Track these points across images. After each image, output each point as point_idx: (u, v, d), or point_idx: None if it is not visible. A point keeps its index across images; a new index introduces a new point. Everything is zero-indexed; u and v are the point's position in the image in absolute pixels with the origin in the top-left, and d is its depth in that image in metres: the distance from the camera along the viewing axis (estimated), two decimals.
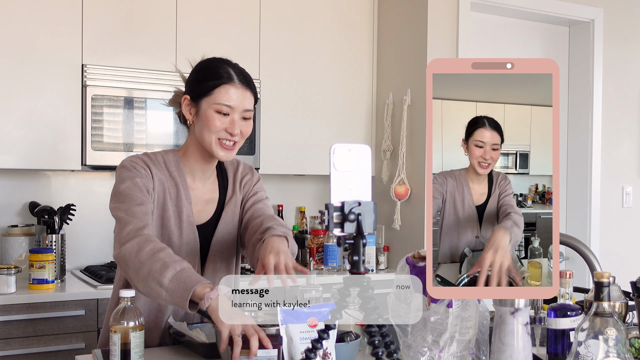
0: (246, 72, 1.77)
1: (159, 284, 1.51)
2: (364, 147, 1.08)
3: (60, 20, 2.97)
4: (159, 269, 1.52)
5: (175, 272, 1.52)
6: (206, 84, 1.71)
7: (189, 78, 1.79)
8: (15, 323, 2.60)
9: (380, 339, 1.08)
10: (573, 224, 3.98)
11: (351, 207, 1.05)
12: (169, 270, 1.52)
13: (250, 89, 1.75)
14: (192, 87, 1.75)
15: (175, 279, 1.51)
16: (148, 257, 1.55)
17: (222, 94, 1.70)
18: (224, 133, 1.71)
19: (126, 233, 1.61)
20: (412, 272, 1.51)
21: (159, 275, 1.51)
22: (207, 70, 1.74)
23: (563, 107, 3.96)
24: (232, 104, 1.70)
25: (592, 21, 3.90)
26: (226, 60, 1.78)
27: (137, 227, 1.62)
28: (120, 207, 1.67)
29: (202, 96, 1.71)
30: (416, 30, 3.46)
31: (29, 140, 2.92)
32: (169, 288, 1.50)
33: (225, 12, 3.33)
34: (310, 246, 3.48)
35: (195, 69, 1.79)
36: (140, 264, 1.55)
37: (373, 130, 3.74)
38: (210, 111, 1.70)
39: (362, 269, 1.08)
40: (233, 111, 1.71)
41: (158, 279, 1.51)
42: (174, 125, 3.12)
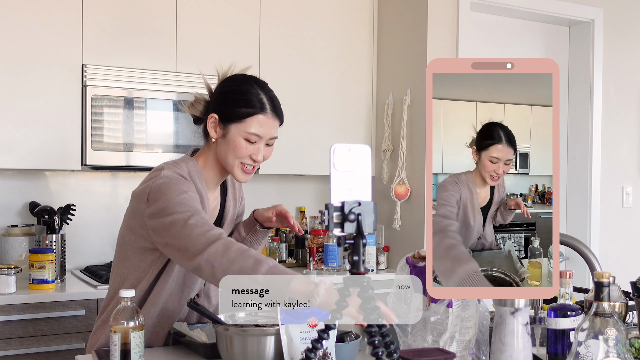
0: (276, 97, 1.79)
1: (252, 281, 1.48)
2: (364, 147, 1.09)
3: (60, 20, 2.97)
4: (252, 265, 1.49)
5: (269, 267, 1.49)
6: (238, 110, 1.72)
7: (219, 96, 1.77)
8: (15, 323, 2.60)
9: (380, 339, 1.08)
10: (573, 224, 3.98)
11: (351, 207, 1.05)
12: (262, 266, 1.49)
13: (279, 118, 1.77)
14: (222, 109, 1.75)
15: (269, 273, 1.48)
16: (238, 255, 1.51)
17: (253, 124, 1.72)
18: (248, 159, 1.74)
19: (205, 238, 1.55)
20: (412, 272, 1.51)
21: (252, 272, 1.48)
22: (239, 95, 1.73)
23: (563, 107, 3.96)
24: (262, 134, 1.73)
25: (592, 21, 3.90)
26: (257, 80, 1.78)
27: (216, 233, 1.57)
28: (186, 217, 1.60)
29: (232, 121, 1.72)
30: (416, 30, 3.46)
31: (29, 140, 2.91)
32: (263, 283, 1.47)
33: (225, 12, 3.33)
34: (310, 246, 3.48)
35: (225, 87, 1.77)
36: (229, 262, 1.51)
37: (373, 130, 3.74)
38: (239, 138, 1.72)
39: (362, 269, 1.08)
40: (261, 140, 1.74)
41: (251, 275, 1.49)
42: (174, 125, 3.12)
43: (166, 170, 1.71)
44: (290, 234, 3.64)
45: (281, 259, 3.51)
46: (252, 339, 1.47)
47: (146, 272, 1.75)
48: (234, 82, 1.78)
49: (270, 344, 1.46)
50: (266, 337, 1.47)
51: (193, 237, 1.56)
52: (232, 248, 1.53)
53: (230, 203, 1.91)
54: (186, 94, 3.11)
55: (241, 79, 1.78)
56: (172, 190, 1.65)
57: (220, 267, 1.50)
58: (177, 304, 1.77)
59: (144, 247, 1.73)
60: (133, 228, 1.75)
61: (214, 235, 1.56)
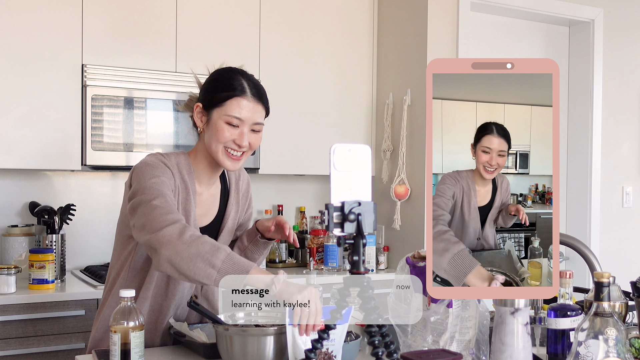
0: (260, 85, 1.79)
1: (209, 265, 1.49)
2: (364, 147, 1.09)
3: (60, 20, 2.97)
4: (209, 250, 1.50)
5: (227, 254, 1.51)
6: (219, 94, 1.73)
7: (204, 86, 1.81)
8: (15, 323, 2.60)
9: (380, 339, 1.08)
10: (573, 224, 3.98)
11: (351, 207, 1.05)
12: (220, 252, 1.50)
13: (262, 103, 1.76)
14: (205, 96, 1.77)
15: (228, 259, 1.49)
16: (193, 240, 1.52)
17: (233, 106, 1.72)
18: (231, 144, 1.73)
19: (163, 219, 1.57)
20: (412, 272, 1.51)
21: (210, 256, 1.49)
22: (221, 81, 1.75)
23: (563, 107, 3.96)
24: (243, 117, 1.72)
25: (592, 21, 3.90)
26: (241, 71, 1.79)
27: (176, 218, 1.59)
28: (151, 198, 1.63)
29: (214, 106, 1.73)
30: (416, 30, 3.46)
31: (29, 140, 2.92)
32: (222, 269, 1.49)
33: (225, 12, 3.33)
34: (310, 246, 3.48)
35: (210, 77, 1.80)
36: (185, 245, 1.51)
37: (373, 130, 3.74)
38: (220, 122, 1.72)
39: (362, 269, 1.08)
40: (243, 124, 1.73)
41: (209, 260, 1.49)
42: (174, 125, 3.12)
43: (147, 157, 1.75)
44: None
45: (281, 259, 3.51)
46: (252, 339, 1.47)
47: (126, 259, 1.77)
48: (218, 71, 1.80)
49: (270, 344, 1.46)
50: (266, 337, 1.47)
51: (152, 216, 1.58)
52: (187, 232, 1.54)
53: (232, 207, 1.90)
54: (186, 94, 3.10)
55: (226, 69, 1.80)
56: (144, 174, 1.68)
57: (176, 249, 1.52)
58: (165, 298, 1.77)
59: (126, 235, 1.76)
60: (122, 217, 1.79)
61: (173, 219, 1.58)
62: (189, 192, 1.76)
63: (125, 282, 1.76)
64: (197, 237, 1.54)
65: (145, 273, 1.76)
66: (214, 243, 1.54)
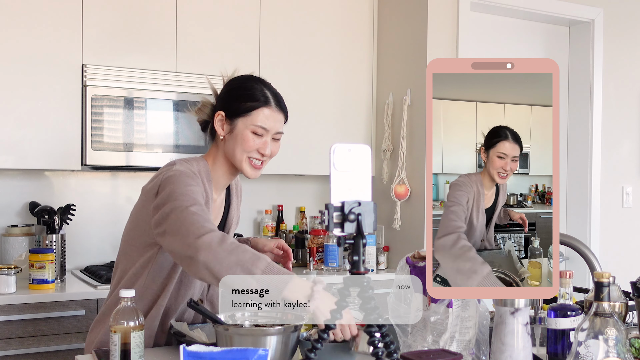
0: (279, 94, 1.84)
1: (250, 274, 1.49)
2: (364, 147, 1.09)
3: (60, 20, 2.97)
4: (250, 259, 1.50)
5: (267, 264, 1.51)
6: (244, 104, 1.76)
7: (225, 94, 1.82)
8: (15, 323, 2.60)
9: (380, 338, 1.08)
10: (573, 224, 3.98)
11: (351, 207, 1.05)
12: (261, 261, 1.50)
13: (283, 112, 1.83)
14: (228, 105, 1.79)
15: (268, 270, 1.50)
16: (234, 248, 1.52)
17: (260, 116, 1.77)
18: (255, 153, 1.78)
19: (202, 225, 1.57)
20: (412, 272, 1.51)
21: (250, 265, 1.49)
22: (244, 90, 1.79)
23: (563, 107, 3.96)
24: (268, 127, 1.78)
25: (592, 21, 3.90)
26: (261, 80, 1.84)
27: (214, 227, 1.59)
28: (188, 204, 1.62)
29: (239, 116, 1.76)
30: (416, 30, 3.46)
31: (29, 140, 2.91)
32: (261, 278, 1.48)
33: (225, 12, 3.33)
34: (310, 246, 3.48)
35: (231, 86, 1.82)
36: (226, 252, 1.51)
37: (373, 130, 3.74)
38: (247, 132, 1.76)
39: (362, 269, 1.08)
40: (267, 133, 1.78)
41: (249, 269, 1.49)
42: (174, 125, 3.12)
43: (178, 165, 1.75)
44: (290, 235, 3.64)
45: None
46: (252, 339, 1.47)
47: (144, 268, 1.75)
48: (238, 80, 1.84)
49: (271, 344, 1.46)
50: (266, 337, 1.47)
51: (190, 222, 1.57)
52: (228, 240, 1.54)
53: (234, 212, 1.93)
54: (186, 94, 3.11)
55: (245, 77, 1.84)
56: (179, 182, 1.68)
57: (216, 256, 1.51)
58: (175, 302, 1.78)
59: (145, 242, 1.74)
60: (138, 223, 1.77)
61: (211, 227, 1.57)
62: (208, 200, 1.77)
63: (142, 289, 1.75)
64: (237, 246, 1.54)
65: (167, 281, 1.75)
66: (255, 252, 1.53)
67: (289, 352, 1.48)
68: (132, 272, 1.77)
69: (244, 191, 2.07)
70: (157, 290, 1.75)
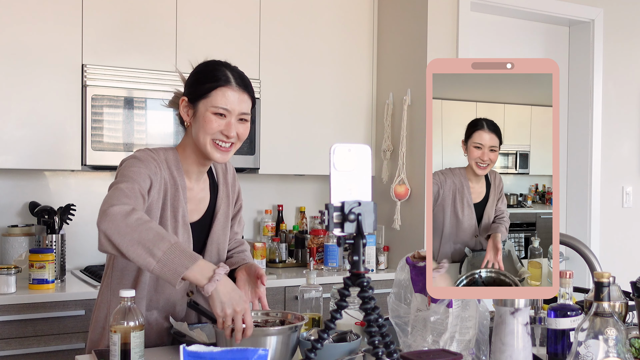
0: (244, 75, 1.79)
1: (150, 253, 1.47)
2: (364, 147, 1.09)
3: (60, 20, 2.97)
4: (153, 238, 1.49)
5: (171, 245, 1.49)
6: (204, 86, 1.72)
7: (188, 80, 1.80)
8: (15, 323, 2.60)
9: (380, 338, 1.08)
10: (573, 224, 3.98)
11: (351, 207, 1.05)
12: (164, 242, 1.48)
13: (247, 92, 1.76)
14: (190, 89, 1.77)
15: (170, 251, 1.48)
16: (138, 224, 1.51)
17: (219, 97, 1.71)
18: (219, 135, 1.73)
19: (116, 199, 1.56)
20: (412, 272, 1.51)
21: (151, 245, 1.48)
22: (205, 73, 1.75)
23: (563, 107, 3.96)
24: (229, 107, 1.72)
25: (592, 21, 3.90)
26: (225, 63, 1.79)
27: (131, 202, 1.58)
28: (119, 181, 1.63)
29: (200, 98, 1.73)
30: (416, 30, 3.46)
31: (29, 140, 2.92)
32: (162, 259, 1.47)
33: (225, 12, 3.33)
34: (310, 246, 3.48)
35: (194, 71, 1.80)
36: (129, 228, 1.50)
37: (373, 130, 3.74)
38: (207, 113, 1.71)
39: (362, 269, 1.08)
40: (230, 114, 1.72)
41: (150, 248, 1.48)
42: (174, 125, 3.12)
43: (137, 152, 1.75)
44: (290, 234, 3.64)
45: (281, 259, 3.51)
46: (252, 339, 1.47)
47: (111, 258, 1.78)
48: (201, 65, 1.80)
49: (271, 344, 1.46)
50: (266, 337, 1.47)
51: (110, 196, 1.57)
52: (135, 215, 1.52)
53: (222, 201, 1.90)
54: None
55: (209, 61, 1.80)
56: (126, 166, 1.69)
57: (118, 228, 1.50)
58: (154, 292, 1.77)
59: None
60: None
61: (126, 201, 1.56)
62: (178, 188, 1.76)
63: (112, 281, 1.76)
64: (143, 222, 1.51)
65: (134, 272, 1.76)
66: (159, 232, 1.51)
67: (289, 352, 1.48)
68: (107, 265, 1.81)
69: (243, 191, 2.06)
70: (130, 283, 1.75)
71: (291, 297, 3.09)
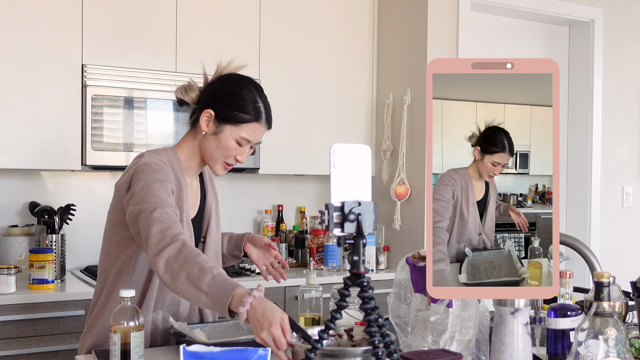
0: (269, 105, 1.83)
1: (198, 289, 1.48)
2: (364, 147, 1.09)
3: (60, 20, 2.97)
4: (197, 274, 1.49)
5: (212, 276, 1.48)
6: (237, 115, 1.76)
7: (218, 94, 1.79)
8: (15, 323, 2.60)
9: (380, 338, 1.08)
10: (573, 224, 3.98)
11: (351, 207, 1.05)
12: (206, 275, 1.48)
13: (269, 126, 1.84)
14: (219, 108, 1.77)
15: (213, 283, 1.47)
16: (185, 262, 1.52)
17: (248, 131, 1.78)
18: (232, 159, 1.81)
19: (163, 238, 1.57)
20: (412, 272, 1.51)
21: (197, 280, 1.48)
22: (239, 98, 1.76)
23: (563, 107, 3.96)
24: (253, 140, 1.80)
25: (592, 21, 3.90)
26: (257, 86, 1.82)
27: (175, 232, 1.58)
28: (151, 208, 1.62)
29: (228, 122, 1.77)
30: (416, 30, 3.46)
31: (29, 140, 2.92)
32: (209, 293, 1.47)
33: (225, 12, 3.33)
34: (310, 246, 3.48)
35: (225, 87, 1.79)
36: (178, 269, 1.52)
37: (373, 130, 3.74)
38: (231, 140, 1.78)
39: (362, 269, 1.08)
40: (248, 144, 1.81)
41: (196, 284, 1.48)
42: (174, 126, 3.12)
43: (146, 157, 1.75)
44: (290, 235, 3.64)
45: None
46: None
47: (125, 263, 1.75)
48: (234, 83, 1.80)
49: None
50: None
51: (155, 235, 1.58)
52: (182, 253, 1.54)
53: (211, 198, 1.93)
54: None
55: (242, 82, 1.80)
56: (146, 178, 1.68)
57: (172, 274, 1.53)
58: (160, 293, 1.77)
59: (124, 237, 1.75)
60: (116, 220, 1.77)
61: (173, 232, 1.57)
62: (182, 188, 1.78)
63: (129, 285, 1.75)
64: (188, 259, 1.52)
65: (150, 277, 1.75)
66: (203, 265, 1.51)
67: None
68: (115, 269, 1.77)
69: (243, 191, 2.08)
70: (143, 286, 1.75)
71: (291, 297, 3.09)
